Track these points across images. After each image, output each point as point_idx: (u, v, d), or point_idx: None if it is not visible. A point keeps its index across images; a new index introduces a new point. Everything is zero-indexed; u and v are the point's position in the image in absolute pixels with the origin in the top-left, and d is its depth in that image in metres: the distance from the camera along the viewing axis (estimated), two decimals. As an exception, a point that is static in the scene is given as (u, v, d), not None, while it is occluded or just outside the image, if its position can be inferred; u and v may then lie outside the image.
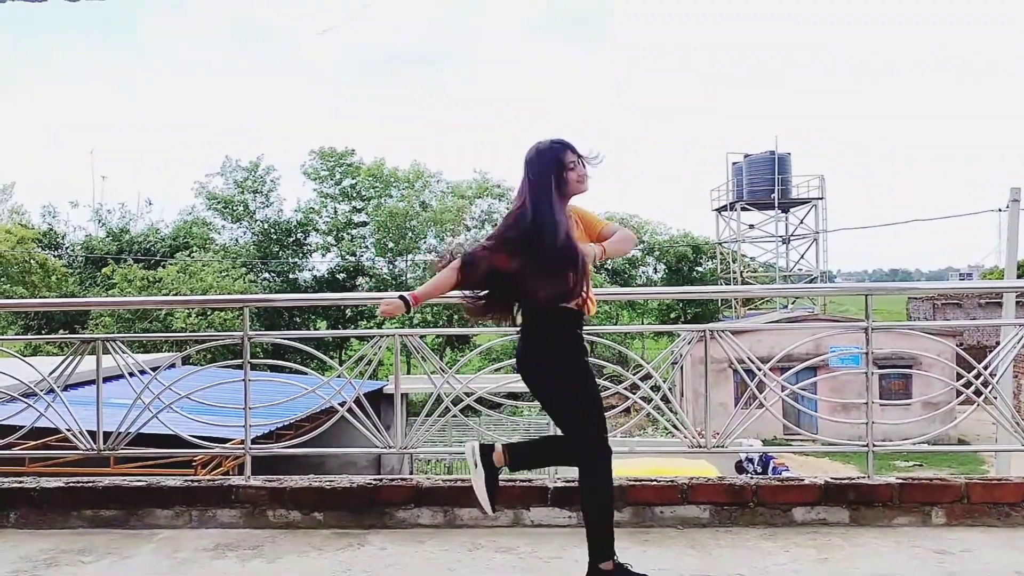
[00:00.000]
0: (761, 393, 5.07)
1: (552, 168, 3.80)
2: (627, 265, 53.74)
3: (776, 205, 47.40)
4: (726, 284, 47.72)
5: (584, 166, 3.88)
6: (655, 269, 55.55)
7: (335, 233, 51.04)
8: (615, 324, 47.93)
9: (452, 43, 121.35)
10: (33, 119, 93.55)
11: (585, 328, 3.92)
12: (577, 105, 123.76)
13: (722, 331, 5.03)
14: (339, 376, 5.23)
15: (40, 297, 38.86)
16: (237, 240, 50.38)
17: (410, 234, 49.18)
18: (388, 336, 5.23)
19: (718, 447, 5.02)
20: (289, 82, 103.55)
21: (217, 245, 49.07)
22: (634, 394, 5.17)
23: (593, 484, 3.81)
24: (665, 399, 5.05)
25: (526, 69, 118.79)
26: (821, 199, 47.24)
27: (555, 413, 3.92)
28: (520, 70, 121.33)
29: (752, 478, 4.93)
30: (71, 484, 5.04)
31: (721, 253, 50.62)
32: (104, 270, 42.99)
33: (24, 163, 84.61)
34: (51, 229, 49.59)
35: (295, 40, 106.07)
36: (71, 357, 5.21)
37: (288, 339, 5.68)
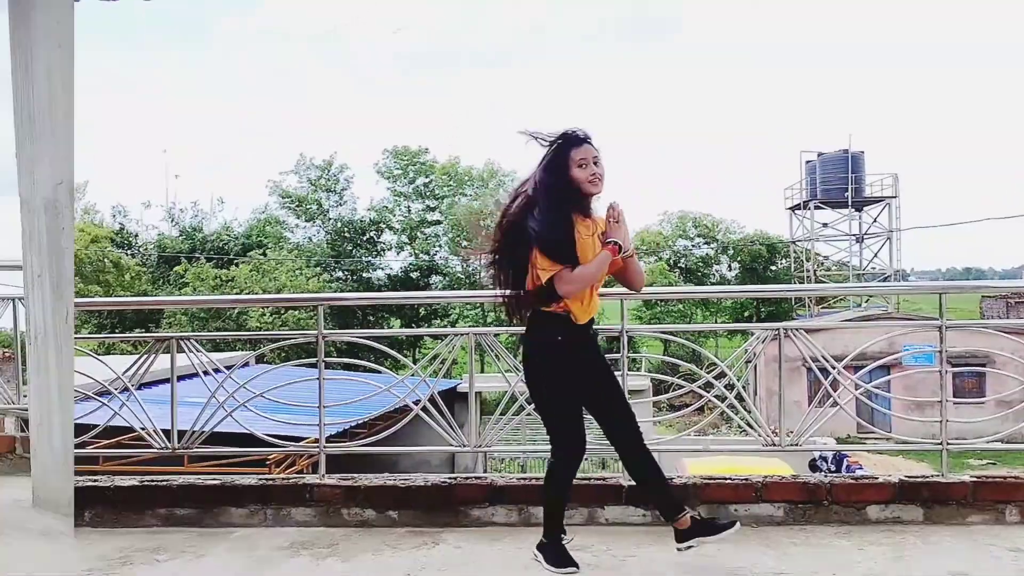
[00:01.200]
0: (835, 392, 5.03)
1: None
2: (701, 264, 53.36)
3: (850, 204, 46.72)
4: (800, 283, 47.10)
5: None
6: (729, 268, 54.93)
7: (409, 232, 51.22)
8: (689, 323, 47.52)
9: (519, 44, 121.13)
10: (106, 119, 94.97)
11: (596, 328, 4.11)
12: (650, 104, 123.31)
13: (796, 329, 5.00)
14: (413, 375, 5.21)
15: (114, 296, 39.42)
16: (310, 239, 50.82)
17: (484, 233, 49.05)
18: (462, 335, 5.21)
19: (792, 445, 4.98)
20: (360, 81, 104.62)
21: (290, 244, 49.51)
22: (708, 392, 5.10)
23: (551, 468, 4.02)
24: (739, 397, 5.01)
25: (596, 70, 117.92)
26: (895, 197, 46.38)
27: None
28: (590, 71, 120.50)
29: (826, 476, 4.93)
30: (145, 483, 5.05)
31: (795, 252, 49.97)
32: (176, 268, 43.59)
33: (96, 162, 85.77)
34: (122, 228, 50.32)
35: (365, 39, 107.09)
36: (146, 355, 5.21)
37: (362, 338, 5.65)
